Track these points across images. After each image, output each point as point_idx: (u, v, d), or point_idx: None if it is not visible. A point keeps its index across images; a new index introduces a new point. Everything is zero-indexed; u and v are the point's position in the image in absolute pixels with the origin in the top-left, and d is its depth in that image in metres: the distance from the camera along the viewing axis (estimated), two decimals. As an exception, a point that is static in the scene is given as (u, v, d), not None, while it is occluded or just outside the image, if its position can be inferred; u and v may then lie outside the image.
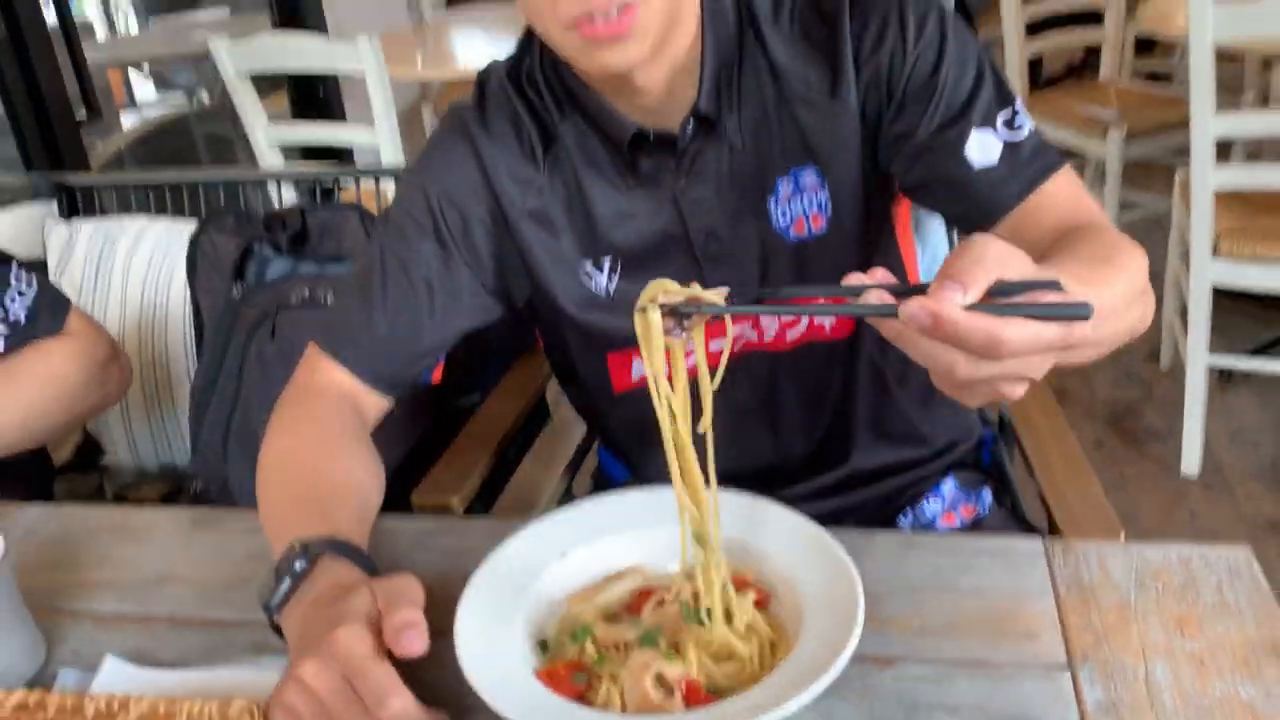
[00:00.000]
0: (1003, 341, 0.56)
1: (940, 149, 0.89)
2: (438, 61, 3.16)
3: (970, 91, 0.89)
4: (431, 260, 0.96)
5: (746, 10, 0.93)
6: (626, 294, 0.96)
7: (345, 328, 0.98)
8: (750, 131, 0.93)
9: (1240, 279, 2.12)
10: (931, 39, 0.90)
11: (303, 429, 0.93)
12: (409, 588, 0.67)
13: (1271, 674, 0.65)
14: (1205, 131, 1.97)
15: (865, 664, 0.67)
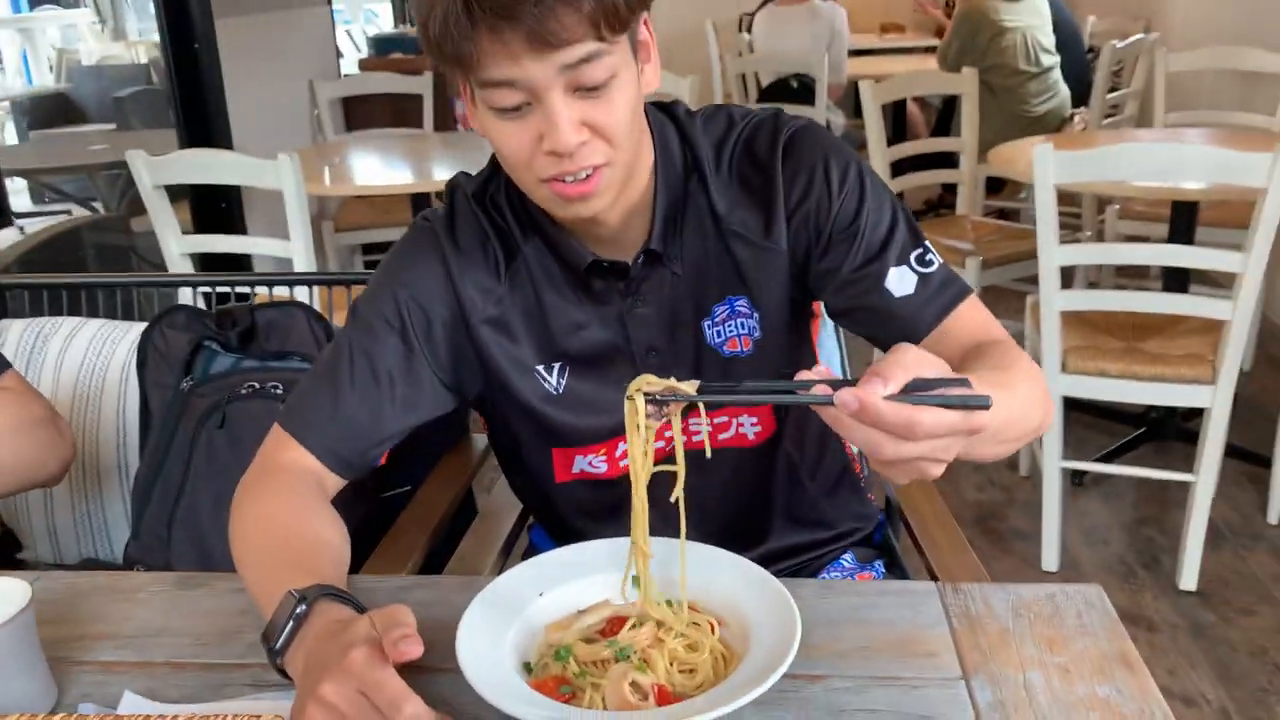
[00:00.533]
0: (916, 425, 0.70)
1: (863, 282, 1.01)
2: (340, 179, 3.29)
3: (887, 233, 1.02)
4: (395, 355, 1.05)
5: (692, 158, 1.05)
6: (574, 392, 1.08)
7: (309, 412, 1.05)
8: (691, 262, 1.05)
9: (1086, 391, 2.38)
10: (852, 188, 1.02)
11: (273, 499, 1.01)
12: (401, 612, 0.77)
13: (1120, 677, 0.81)
14: (1050, 260, 2.24)
15: (799, 680, 0.81)
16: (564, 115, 0.88)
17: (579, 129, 0.89)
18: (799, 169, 1.03)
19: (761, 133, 1.05)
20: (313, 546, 0.95)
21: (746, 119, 1.07)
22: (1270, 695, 2.04)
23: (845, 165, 1.03)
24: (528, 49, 0.85)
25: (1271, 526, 2.60)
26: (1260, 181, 2.04)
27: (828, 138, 1.06)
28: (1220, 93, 4.29)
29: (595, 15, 0.85)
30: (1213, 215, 3.20)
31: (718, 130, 1.07)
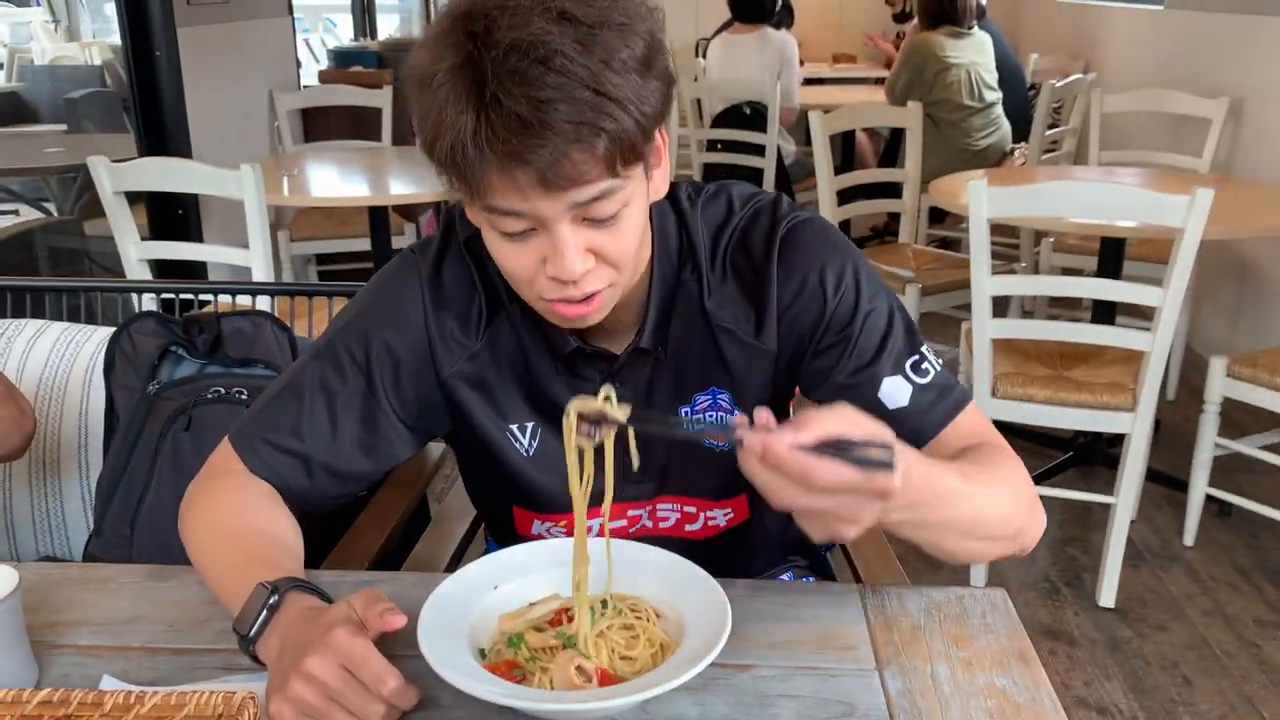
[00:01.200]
0: (810, 475, 0.74)
1: (856, 389, 1.00)
2: (298, 190, 3.34)
3: (881, 341, 1.01)
4: (358, 399, 1.03)
5: (689, 247, 1.03)
6: (544, 456, 1.07)
7: (263, 439, 1.04)
8: (676, 349, 1.04)
9: (1014, 416, 2.49)
10: (848, 293, 1.01)
11: (225, 497, 1.03)
12: (377, 593, 0.84)
13: (1017, 669, 0.90)
14: (983, 290, 2.35)
15: (729, 669, 0.89)
16: (570, 245, 0.86)
17: (585, 257, 0.88)
18: (794, 270, 1.01)
19: (759, 225, 1.03)
20: (269, 541, 0.98)
21: (746, 204, 1.05)
22: (1179, 706, 2.16)
23: (841, 269, 1.01)
24: (538, 188, 0.82)
25: (1187, 548, 2.74)
26: (1177, 221, 2.17)
27: (825, 236, 1.04)
28: (1152, 133, 4.49)
29: (610, 155, 0.82)
30: (1143, 250, 3.36)
31: (716, 216, 1.05)
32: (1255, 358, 2.56)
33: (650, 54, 0.85)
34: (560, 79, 0.79)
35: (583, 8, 0.82)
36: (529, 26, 0.80)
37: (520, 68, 0.79)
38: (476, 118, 0.80)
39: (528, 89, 0.79)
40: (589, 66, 0.80)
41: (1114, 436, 2.97)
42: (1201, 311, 3.98)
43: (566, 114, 0.79)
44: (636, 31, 0.84)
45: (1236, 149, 3.87)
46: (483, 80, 0.80)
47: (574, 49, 0.80)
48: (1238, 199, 2.94)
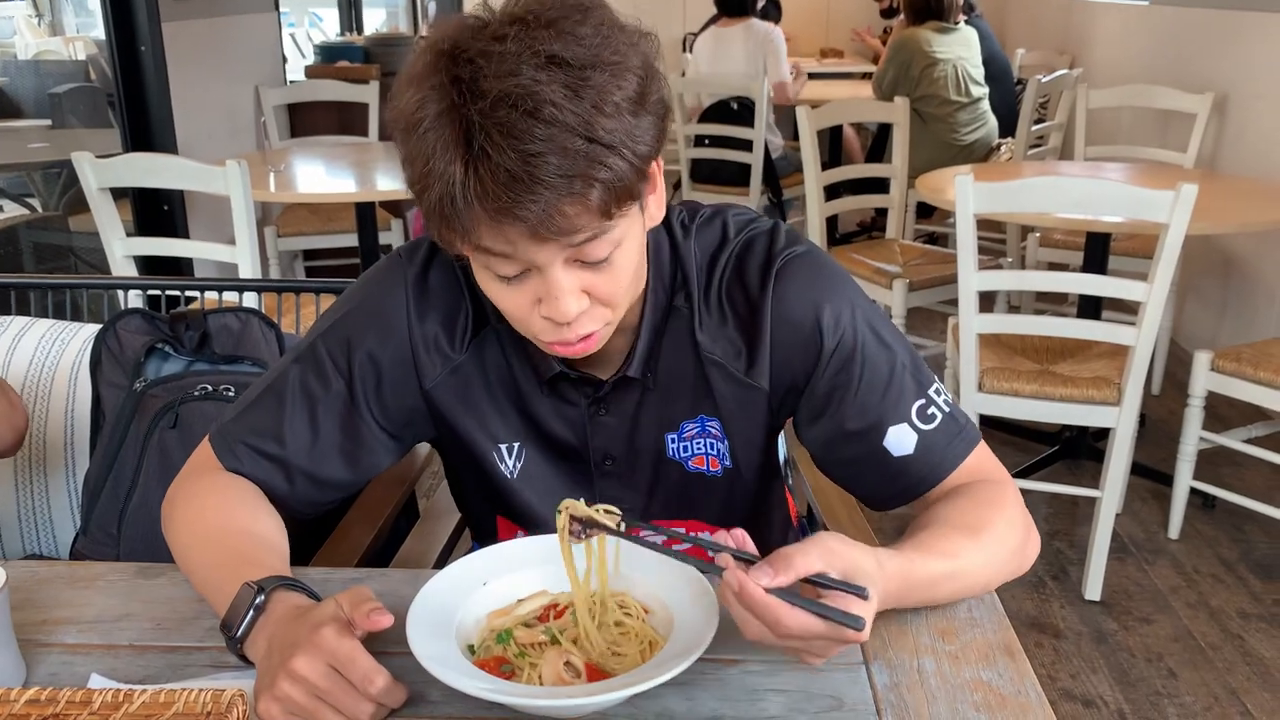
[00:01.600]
0: (779, 624, 0.77)
1: (860, 437, 0.99)
2: (284, 186, 3.33)
3: (885, 387, 0.98)
4: (339, 406, 1.02)
5: (681, 277, 1.01)
6: (529, 477, 1.07)
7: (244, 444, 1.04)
8: (665, 378, 1.02)
9: (1000, 410, 2.51)
10: (846, 339, 0.98)
11: (208, 496, 1.03)
12: (365, 591, 0.84)
13: (1003, 663, 0.90)
14: (969, 285, 2.36)
15: (718, 663, 0.89)
16: (565, 288, 0.85)
17: (579, 298, 0.87)
18: (788, 313, 0.98)
19: (753, 256, 1.00)
20: (254, 539, 0.98)
21: (741, 231, 1.02)
22: (1164, 698, 2.17)
23: (839, 311, 0.98)
24: (529, 238, 0.81)
25: (1172, 541, 2.76)
26: (1162, 217, 2.19)
27: (822, 273, 1.00)
28: (1137, 128, 4.51)
29: (604, 202, 0.81)
30: (1128, 245, 3.37)
31: (710, 244, 1.02)
32: (1239, 352, 2.58)
33: (643, 90, 0.82)
34: (550, 130, 0.77)
35: (573, 48, 0.79)
36: (517, 76, 0.77)
37: (508, 120, 0.77)
38: (464, 170, 0.78)
39: (516, 142, 0.76)
40: (579, 113, 0.78)
41: (1099, 430, 2.99)
42: (1186, 306, 4.01)
43: (557, 167, 0.77)
44: (629, 67, 0.81)
45: (1221, 144, 3.89)
46: (470, 131, 0.77)
47: (563, 96, 0.77)
48: (1222, 194, 2.96)
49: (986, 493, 0.99)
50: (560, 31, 0.80)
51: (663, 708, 0.84)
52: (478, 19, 0.82)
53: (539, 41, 0.79)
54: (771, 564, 0.78)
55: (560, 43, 0.79)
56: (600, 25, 0.82)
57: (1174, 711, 2.13)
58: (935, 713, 0.84)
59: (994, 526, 0.96)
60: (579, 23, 0.81)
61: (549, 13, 0.81)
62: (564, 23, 0.80)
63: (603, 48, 0.81)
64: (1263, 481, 3.01)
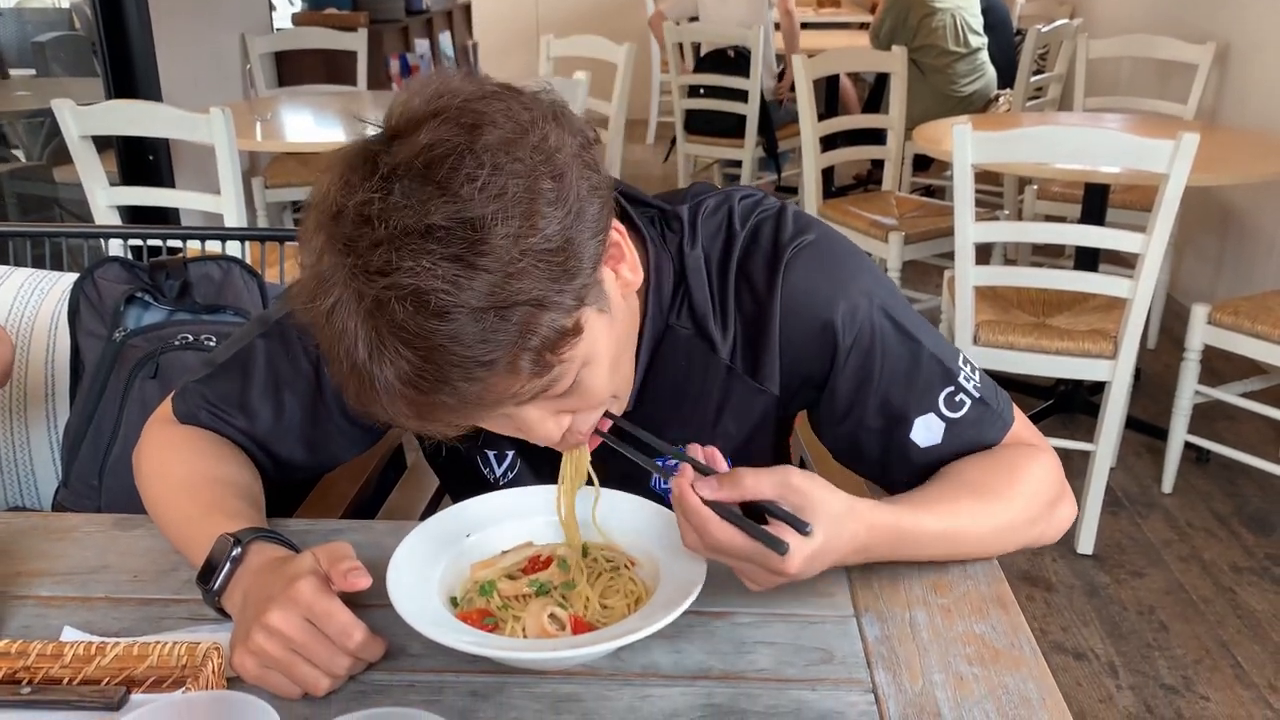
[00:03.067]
0: (707, 531, 0.77)
1: (884, 433, 0.94)
2: (271, 135, 3.27)
3: (908, 381, 0.92)
4: (304, 393, 0.98)
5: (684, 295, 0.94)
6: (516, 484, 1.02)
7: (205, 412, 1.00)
8: (661, 399, 0.96)
9: (995, 363, 2.49)
10: (862, 339, 0.91)
11: (181, 451, 0.99)
12: (343, 547, 0.82)
13: (995, 615, 0.89)
14: (966, 237, 2.33)
15: (706, 615, 0.87)
16: (538, 420, 0.80)
17: (559, 420, 0.82)
18: (798, 311, 0.92)
19: (759, 249, 0.93)
20: (228, 488, 0.95)
21: (748, 220, 0.95)
22: (1154, 650, 2.18)
23: (854, 308, 0.92)
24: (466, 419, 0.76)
25: (1166, 495, 2.75)
26: (1162, 167, 2.15)
27: (835, 263, 0.93)
28: (1137, 79, 4.45)
29: (540, 361, 0.72)
30: (1126, 197, 3.34)
31: (716, 242, 0.95)
32: (1236, 305, 2.56)
33: (563, 205, 0.71)
34: (446, 322, 0.67)
35: (460, 204, 0.68)
36: (393, 271, 0.67)
37: (400, 320, 0.68)
38: (371, 369, 0.70)
39: (415, 343, 0.68)
40: (479, 289, 0.67)
41: (1094, 384, 2.98)
42: (1183, 259, 3.98)
43: (466, 358, 0.68)
44: (537, 194, 0.70)
45: (1222, 95, 3.84)
46: (367, 330, 0.69)
47: (453, 275, 0.67)
48: (1222, 145, 2.92)
49: (1014, 457, 0.95)
50: (438, 186, 0.68)
51: (649, 660, 0.82)
52: (344, 179, 0.72)
53: (410, 215, 0.68)
54: (719, 479, 0.78)
55: (441, 206, 0.68)
56: (496, 151, 0.70)
57: (1165, 664, 2.14)
58: (927, 665, 0.82)
59: (1008, 491, 0.92)
60: (460, 161, 0.69)
61: (423, 155, 0.69)
62: (441, 170, 0.68)
63: (502, 186, 0.69)
64: (1257, 436, 3.01)
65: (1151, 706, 2.02)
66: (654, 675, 0.81)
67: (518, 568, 0.87)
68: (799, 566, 0.77)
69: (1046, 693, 0.79)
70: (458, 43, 5.89)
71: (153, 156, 3.58)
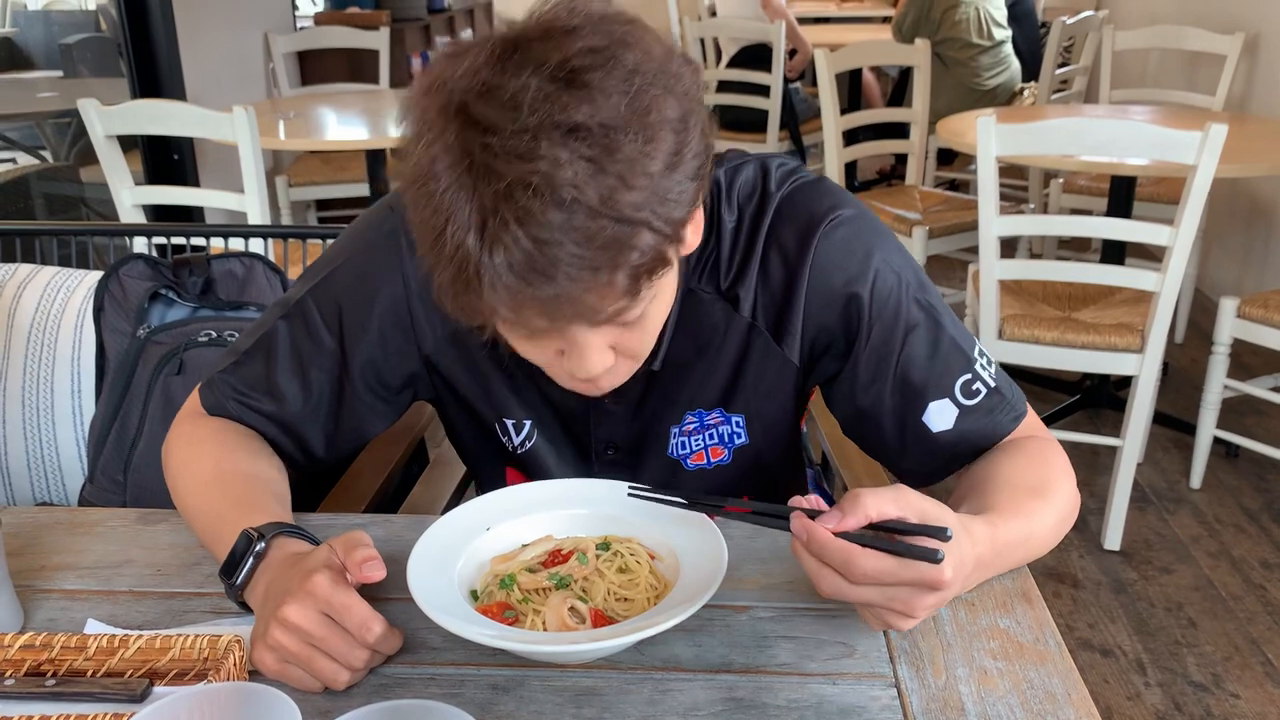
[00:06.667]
0: (852, 564, 0.71)
1: (897, 415, 0.95)
2: (295, 133, 3.29)
3: (926, 363, 0.93)
4: (329, 369, 0.98)
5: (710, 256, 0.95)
6: (535, 454, 1.04)
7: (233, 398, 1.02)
8: (678, 363, 0.97)
9: (1021, 358, 2.47)
10: (887, 311, 0.93)
11: (207, 444, 1.00)
12: (360, 536, 0.82)
13: (1020, 610, 0.88)
14: (990, 230, 2.31)
15: (726, 610, 0.87)
16: (592, 346, 0.80)
17: (605, 355, 0.81)
18: (827, 284, 0.93)
19: (796, 217, 0.94)
20: (255, 483, 0.95)
21: (784, 185, 0.96)
22: (1182, 648, 2.15)
23: (883, 283, 0.93)
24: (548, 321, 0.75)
25: (1194, 491, 2.72)
26: (1190, 159, 2.13)
27: (868, 239, 0.94)
28: (1164, 71, 4.41)
29: (633, 283, 0.73)
30: (1153, 190, 3.31)
31: (749, 202, 0.96)
32: (1266, 298, 2.52)
33: (680, 145, 0.73)
34: (569, 215, 0.69)
35: (599, 112, 0.70)
36: (534, 158, 0.69)
37: (525, 206, 0.68)
38: (479, 253, 0.70)
39: (534, 230, 0.69)
40: (602, 192, 0.69)
41: (1121, 379, 2.95)
42: (1211, 252, 3.93)
43: (578, 256, 0.70)
44: (664, 122, 0.72)
45: (1252, 86, 3.79)
46: (484, 213, 0.69)
47: (585, 173, 0.69)
48: (1252, 136, 2.88)
49: (1039, 449, 0.95)
50: (585, 89, 0.70)
51: (670, 654, 0.82)
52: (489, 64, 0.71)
53: (559, 109, 0.69)
54: (839, 507, 0.73)
55: (585, 107, 0.70)
56: (633, 73, 0.72)
57: (1193, 661, 2.11)
58: (950, 660, 0.81)
59: (1058, 485, 0.92)
60: (608, 72, 0.71)
61: (575, 59, 0.71)
62: (591, 75, 0.70)
63: (634, 104, 0.71)
64: (1287, 430, 2.97)
65: (1180, 704, 2.00)
66: (674, 669, 0.81)
67: (538, 561, 0.87)
68: (952, 574, 0.72)
69: (1072, 687, 0.78)
70: (479, 41, 5.90)
71: (177, 156, 3.61)
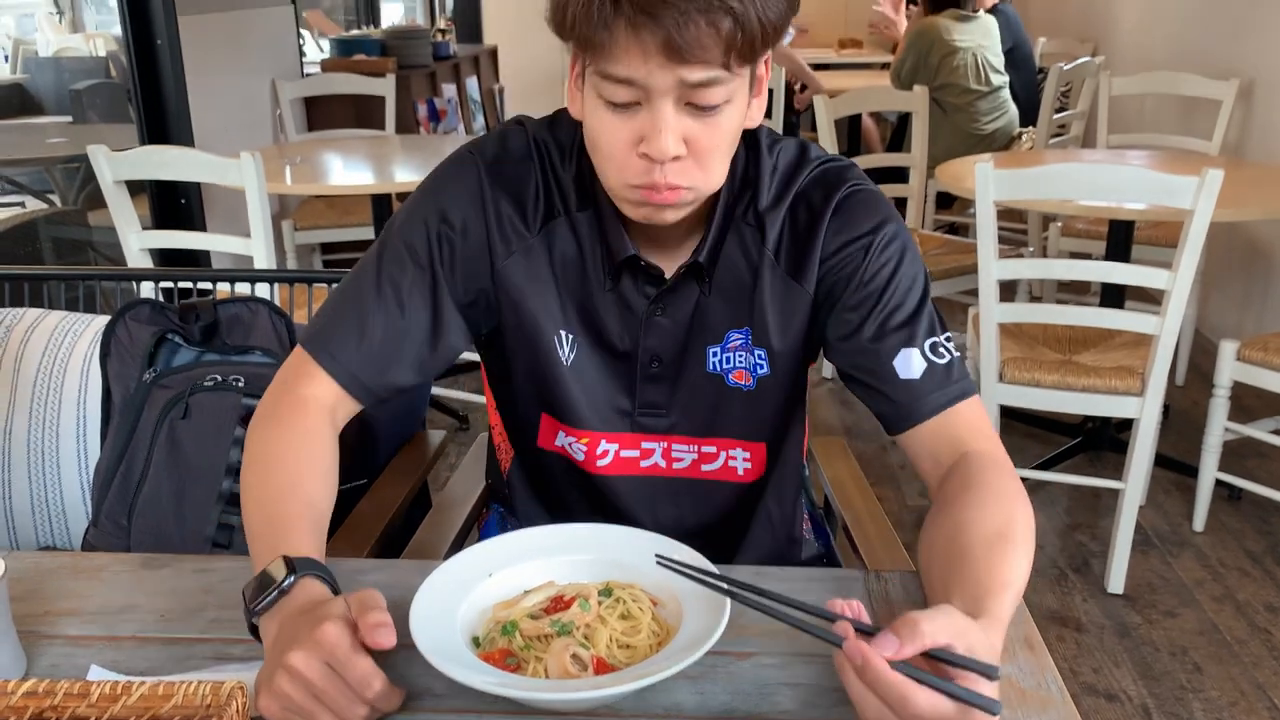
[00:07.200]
0: (908, 701, 0.70)
1: (872, 354, 1.04)
2: (301, 178, 3.32)
3: (910, 314, 1.04)
4: (421, 287, 1.06)
5: (754, 183, 1.06)
6: (579, 369, 1.10)
7: (333, 338, 1.06)
8: (721, 285, 1.07)
9: (1021, 400, 2.47)
10: (890, 259, 1.04)
11: (282, 443, 1.01)
12: (375, 597, 0.81)
13: (1023, 656, 0.88)
14: (990, 273, 2.33)
15: (729, 656, 0.87)
16: (669, 124, 0.90)
17: (679, 142, 0.91)
18: (845, 224, 1.05)
19: (826, 179, 1.07)
20: (306, 510, 0.96)
21: (820, 161, 1.09)
22: (1189, 693, 2.14)
23: (891, 236, 1.05)
24: (659, 54, 0.86)
25: (1197, 533, 2.72)
26: (1187, 203, 2.15)
27: (885, 207, 1.07)
28: (1160, 116, 4.45)
29: (731, 41, 0.86)
30: (1152, 233, 3.33)
31: (789, 161, 1.08)
32: (1266, 341, 2.53)
33: None
34: None
35: None
36: None
37: None
38: None
39: None
40: None
41: (1122, 421, 2.95)
42: (1211, 295, 3.95)
43: None
44: None
45: (1247, 131, 3.83)
46: None
47: None
48: (1248, 180, 2.91)
49: (995, 480, 0.97)
50: None
51: (672, 701, 0.82)
52: None
53: None
54: (896, 631, 0.72)
55: None
56: None
57: (1199, 706, 2.10)
58: (952, 707, 0.81)
59: (1021, 520, 0.93)
60: None
61: None
62: None
63: None
64: (1290, 473, 2.97)
65: (1187, 750, 1.98)
66: (677, 716, 0.81)
67: (540, 607, 0.87)
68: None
69: (1074, 734, 0.78)
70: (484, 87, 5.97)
71: (184, 200, 3.64)
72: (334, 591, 0.87)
